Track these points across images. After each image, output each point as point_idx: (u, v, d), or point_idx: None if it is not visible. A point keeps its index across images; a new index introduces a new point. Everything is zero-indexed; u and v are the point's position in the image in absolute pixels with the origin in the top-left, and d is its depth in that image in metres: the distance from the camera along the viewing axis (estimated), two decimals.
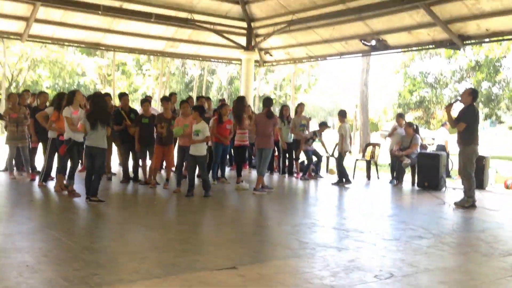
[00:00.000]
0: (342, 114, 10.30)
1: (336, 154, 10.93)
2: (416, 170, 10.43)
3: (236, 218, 7.19)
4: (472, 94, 8.08)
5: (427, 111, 23.28)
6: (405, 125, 10.81)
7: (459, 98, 8.29)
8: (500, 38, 10.52)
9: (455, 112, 8.47)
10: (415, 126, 10.75)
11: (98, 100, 7.49)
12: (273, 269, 4.64)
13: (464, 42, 10.78)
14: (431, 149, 12.63)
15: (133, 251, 5.05)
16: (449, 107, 8.22)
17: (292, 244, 5.51)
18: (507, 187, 10.52)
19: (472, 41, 10.89)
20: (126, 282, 4.09)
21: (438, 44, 11.30)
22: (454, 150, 10.41)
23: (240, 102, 9.84)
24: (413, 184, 10.53)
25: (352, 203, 8.95)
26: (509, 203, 8.96)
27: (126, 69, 33.06)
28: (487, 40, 11.05)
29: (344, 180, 10.27)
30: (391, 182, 10.77)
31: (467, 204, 7.89)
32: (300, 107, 11.55)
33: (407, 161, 10.33)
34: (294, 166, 11.58)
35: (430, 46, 11.70)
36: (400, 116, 11.38)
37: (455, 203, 8.03)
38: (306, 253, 5.16)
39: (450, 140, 11.87)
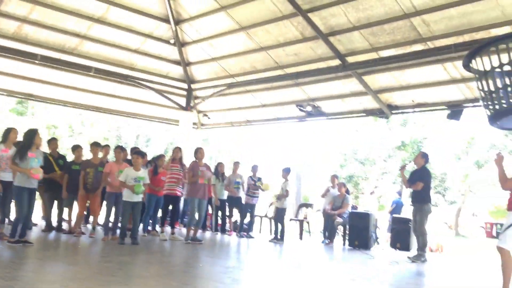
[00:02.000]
0: (286, 171, 10.55)
1: (271, 212, 10.95)
2: (347, 230, 10.56)
3: (166, 260, 6.89)
4: (424, 157, 8.85)
5: (356, 187, 24.08)
6: (338, 185, 11.09)
7: (411, 161, 8.88)
8: (424, 108, 11.26)
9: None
10: (346, 187, 11.07)
11: (26, 135, 7.13)
12: None
13: (392, 112, 11.45)
14: None
15: (53, 280, 4.66)
16: (403, 168, 8.88)
17: (224, 280, 5.29)
18: (431, 250, 10.89)
19: (399, 111, 11.58)
20: None
21: (369, 112, 11.91)
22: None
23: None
24: (344, 243, 10.64)
25: (286, 257, 8.81)
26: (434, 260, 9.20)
27: (56, 133, 31.98)
28: (412, 110, 11.74)
29: (279, 236, 10.25)
30: (323, 241, 10.81)
31: (422, 258, 8.18)
32: (235, 165, 11.61)
33: (339, 220, 10.49)
34: (227, 223, 11.42)
35: (362, 114, 12.27)
36: (334, 177, 11.68)
37: (410, 258, 8.30)
38: (240, 287, 4.97)
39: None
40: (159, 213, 10.07)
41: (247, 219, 11.32)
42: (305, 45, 11.15)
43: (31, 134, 7.10)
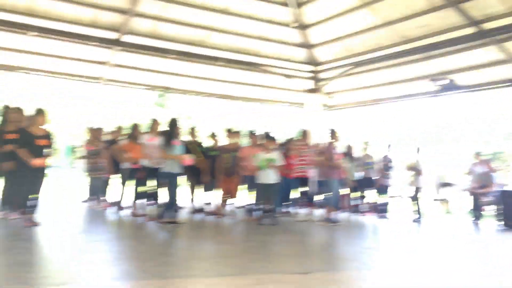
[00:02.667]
0: (418, 149, 10.30)
1: (408, 192, 10.65)
2: (499, 208, 9.89)
3: (305, 240, 7.06)
4: None
5: (504, 164, 22.27)
6: (483, 162, 10.43)
7: None
8: None
9: None
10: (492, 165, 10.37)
11: (172, 124, 7.75)
12: (346, 276, 4.47)
13: None
14: None
15: (204, 256, 5.07)
16: None
17: (365, 261, 5.30)
18: None
19: None
20: (199, 277, 4.08)
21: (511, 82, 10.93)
22: None
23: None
24: (495, 223, 9.94)
25: (425, 238, 8.50)
26: None
27: (192, 122, 33.89)
28: None
29: (417, 216, 9.96)
30: (473, 222, 10.24)
31: None
32: (366, 145, 11.44)
33: (487, 199, 9.88)
34: (363, 204, 11.31)
35: (505, 85, 11.26)
36: (478, 154, 10.98)
37: None
38: (381, 268, 4.94)
39: None
40: (290, 195, 10.29)
41: (381, 200, 11.12)
42: (434, 15, 10.52)
43: (174, 124, 7.72)
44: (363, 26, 12.07)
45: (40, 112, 6.87)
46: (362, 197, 11.33)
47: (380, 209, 11.01)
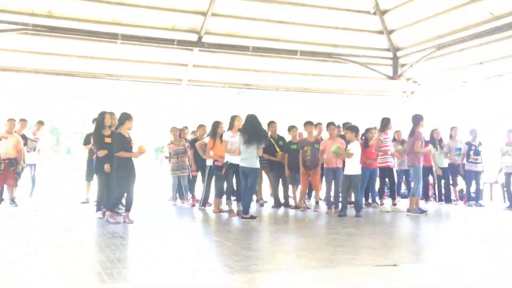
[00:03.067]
0: None
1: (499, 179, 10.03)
2: None
3: (391, 231, 6.89)
4: None
5: None
6: None
7: None
8: None
9: None
10: None
11: (251, 120, 7.85)
12: (436, 268, 4.30)
13: None
14: None
15: (288, 250, 5.13)
16: None
17: (453, 250, 5.07)
18: None
19: None
20: (284, 270, 4.12)
21: None
22: None
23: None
24: None
25: None
26: None
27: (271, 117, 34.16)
28: None
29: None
30: None
31: None
32: (454, 131, 10.90)
33: None
34: (452, 193, 10.80)
35: None
36: None
37: None
38: (470, 260, 4.72)
39: None
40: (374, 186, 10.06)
41: (473, 187, 10.55)
42: None
43: (253, 120, 7.84)
44: (447, 6, 11.44)
45: (128, 116, 7.28)
46: (452, 184, 10.83)
47: (471, 197, 10.47)
